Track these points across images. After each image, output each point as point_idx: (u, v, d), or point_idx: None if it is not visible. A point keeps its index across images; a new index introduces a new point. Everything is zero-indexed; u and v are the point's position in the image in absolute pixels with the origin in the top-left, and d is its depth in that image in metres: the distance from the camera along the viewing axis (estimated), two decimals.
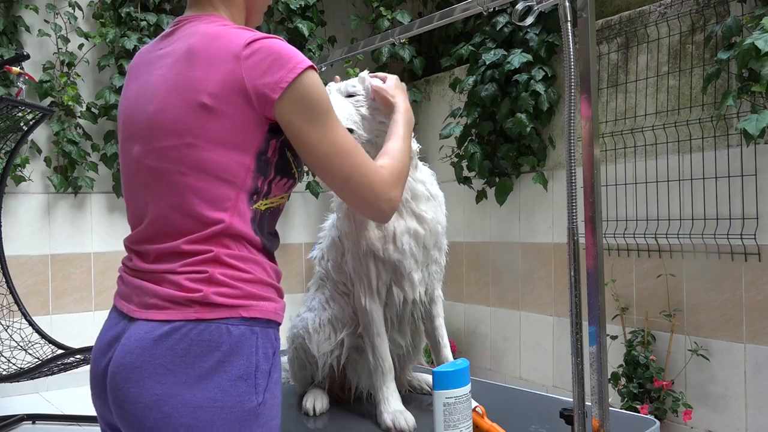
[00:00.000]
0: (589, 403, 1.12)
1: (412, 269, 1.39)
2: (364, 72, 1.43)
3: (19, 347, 3.30)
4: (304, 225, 4.72)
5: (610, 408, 1.15)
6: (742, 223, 2.73)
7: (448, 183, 4.05)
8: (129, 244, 1.09)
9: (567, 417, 1.11)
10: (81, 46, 3.97)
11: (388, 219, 1.14)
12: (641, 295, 3.14)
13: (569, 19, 1.13)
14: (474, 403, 1.23)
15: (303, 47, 4.29)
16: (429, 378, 1.59)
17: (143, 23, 3.94)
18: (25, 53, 3.10)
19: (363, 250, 1.37)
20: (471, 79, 3.75)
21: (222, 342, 0.97)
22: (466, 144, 3.86)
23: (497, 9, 3.72)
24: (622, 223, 3.20)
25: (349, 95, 1.38)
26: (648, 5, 3.16)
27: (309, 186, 4.42)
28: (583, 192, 1.13)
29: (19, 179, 3.73)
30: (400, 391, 1.43)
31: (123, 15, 3.92)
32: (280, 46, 1.01)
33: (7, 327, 3.35)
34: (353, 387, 1.50)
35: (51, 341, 3.28)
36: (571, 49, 1.11)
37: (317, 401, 1.45)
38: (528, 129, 3.47)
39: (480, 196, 3.96)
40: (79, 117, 3.94)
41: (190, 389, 0.95)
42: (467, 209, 4.18)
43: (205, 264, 0.99)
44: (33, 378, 3.00)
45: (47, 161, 3.87)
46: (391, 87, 1.35)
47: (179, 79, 1.02)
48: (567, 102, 1.11)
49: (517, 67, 3.51)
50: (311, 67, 1.01)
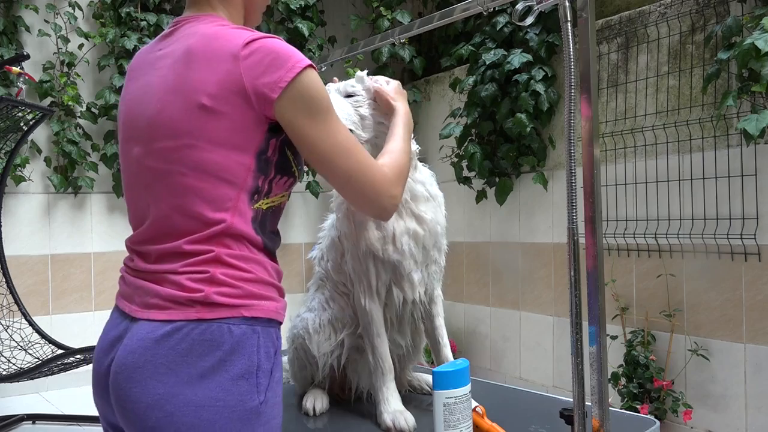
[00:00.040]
0: (589, 403, 1.12)
1: (411, 270, 1.39)
2: (362, 72, 1.43)
3: (19, 347, 3.30)
4: (304, 225, 4.72)
5: (610, 408, 1.15)
6: (742, 223, 2.73)
7: (448, 183, 4.05)
8: (130, 244, 1.10)
9: (567, 417, 1.11)
10: (81, 46, 3.97)
11: (389, 216, 1.14)
12: (641, 295, 3.14)
13: (569, 19, 1.13)
14: (474, 403, 1.23)
15: (303, 47, 4.29)
16: (429, 378, 1.59)
17: (143, 23, 3.94)
18: (25, 53, 3.10)
19: (362, 250, 1.37)
20: (471, 79, 3.75)
21: (223, 341, 0.97)
22: (466, 144, 3.86)
23: (497, 9, 3.72)
24: (622, 223, 3.20)
25: (348, 95, 1.39)
26: (648, 5, 3.16)
27: (309, 186, 4.42)
28: (583, 192, 1.13)
29: (19, 179, 3.73)
30: (400, 391, 1.43)
31: (123, 15, 3.92)
32: (278, 45, 1.01)
33: (7, 327, 3.35)
34: (353, 387, 1.50)
35: (51, 341, 3.28)
36: (571, 49, 1.11)
37: (317, 401, 1.45)
38: (528, 129, 3.47)
39: (480, 196, 3.96)
40: (79, 117, 3.95)
41: (192, 388, 0.96)
42: (467, 209, 4.18)
43: (207, 264, 0.99)
44: (33, 378, 3.00)
45: (47, 161, 3.87)
46: (393, 90, 1.36)
47: (178, 80, 1.02)
48: (567, 102, 1.11)
49: (517, 67, 3.51)
50: (310, 66, 1.01)
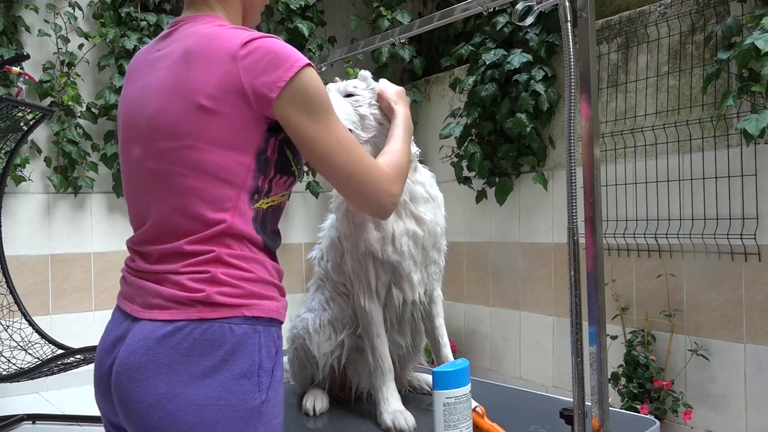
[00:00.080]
0: (589, 403, 1.12)
1: (411, 270, 1.39)
2: (365, 71, 1.43)
3: (19, 347, 3.30)
4: (304, 225, 4.72)
5: (610, 408, 1.15)
6: (742, 223, 2.73)
7: (448, 183, 4.05)
8: (131, 245, 1.10)
9: (567, 417, 1.11)
10: (81, 46, 3.97)
11: (388, 215, 1.15)
12: (641, 295, 3.14)
13: (569, 19, 1.13)
14: (474, 403, 1.23)
15: (303, 47, 4.29)
16: (429, 378, 1.59)
17: (143, 23, 3.94)
18: (25, 53, 3.10)
19: (362, 251, 1.37)
20: (471, 79, 3.75)
21: (225, 341, 0.97)
22: (466, 144, 3.86)
23: (497, 9, 3.72)
24: (622, 223, 3.20)
25: (348, 95, 1.39)
26: (648, 5, 3.16)
27: (309, 186, 4.42)
28: (583, 192, 1.13)
29: (19, 179, 3.73)
30: (400, 391, 1.43)
31: (123, 15, 3.92)
32: (276, 45, 1.01)
33: (7, 327, 3.35)
34: (353, 387, 1.50)
35: (51, 341, 3.28)
36: (571, 49, 1.11)
37: (317, 401, 1.45)
38: (528, 129, 3.47)
39: (480, 196, 3.96)
40: (79, 117, 3.95)
41: (193, 388, 0.96)
42: (467, 209, 4.18)
43: (208, 264, 1.00)
44: (33, 378, 3.00)
45: (47, 161, 3.87)
46: (395, 94, 1.37)
47: (177, 81, 1.02)
48: (567, 102, 1.11)
49: (517, 67, 3.51)
50: (308, 65, 1.01)
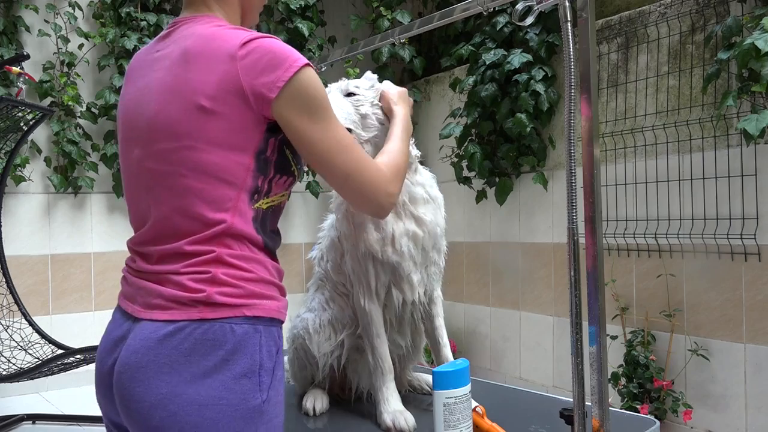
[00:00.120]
0: (589, 403, 1.12)
1: (410, 271, 1.39)
2: (371, 73, 1.43)
3: (19, 347, 3.30)
4: (304, 225, 4.72)
5: (610, 408, 1.15)
6: (742, 223, 2.73)
7: (448, 183, 4.05)
8: (132, 245, 1.10)
9: (567, 417, 1.11)
10: (81, 46, 3.97)
11: (386, 214, 1.15)
12: (641, 295, 3.14)
13: (569, 19, 1.13)
14: (474, 403, 1.23)
15: (303, 47, 4.29)
16: (429, 378, 1.59)
17: (143, 23, 3.94)
18: (25, 53, 3.10)
19: (362, 251, 1.37)
20: (471, 79, 3.75)
21: (226, 341, 0.97)
22: (466, 144, 3.86)
23: (497, 9, 3.72)
24: (622, 223, 3.20)
25: (349, 94, 1.39)
26: (648, 5, 3.16)
27: (309, 186, 4.42)
28: (583, 192, 1.13)
29: (19, 179, 3.73)
30: (400, 391, 1.43)
31: (123, 15, 3.92)
32: (275, 45, 1.01)
33: (7, 327, 3.35)
34: (353, 387, 1.50)
35: (51, 341, 3.28)
36: (571, 49, 1.11)
37: (317, 401, 1.45)
38: (528, 129, 3.47)
39: (480, 196, 3.96)
40: (79, 117, 3.95)
41: (194, 388, 0.96)
42: (467, 209, 4.18)
43: (208, 264, 1.00)
44: (33, 378, 3.01)
45: (47, 161, 3.87)
46: (396, 94, 1.37)
47: (176, 82, 1.02)
48: (567, 102, 1.11)
49: (517, 67, 3.51)
50: (307, 65, 1.01)
